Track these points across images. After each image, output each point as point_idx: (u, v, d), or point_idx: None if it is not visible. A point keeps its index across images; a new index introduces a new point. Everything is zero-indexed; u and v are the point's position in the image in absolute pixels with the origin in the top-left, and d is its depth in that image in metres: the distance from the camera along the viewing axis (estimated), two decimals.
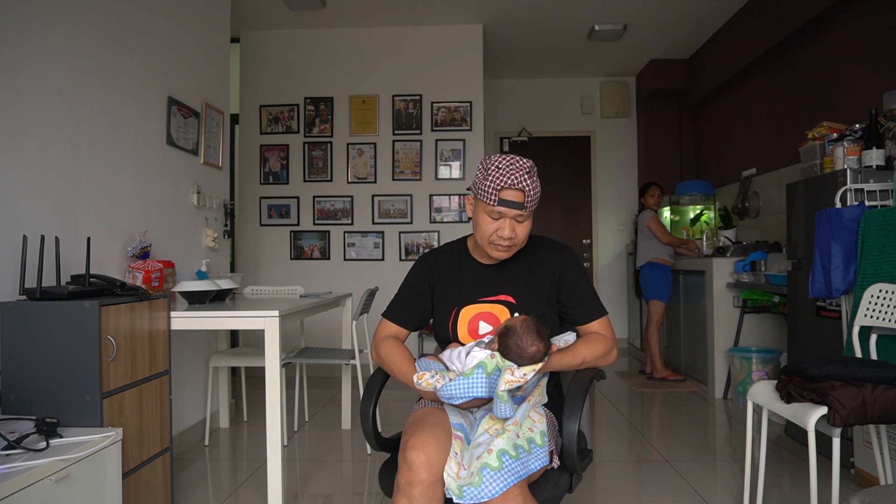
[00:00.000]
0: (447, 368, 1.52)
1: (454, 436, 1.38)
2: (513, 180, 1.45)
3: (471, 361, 1.42)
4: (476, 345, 1.49)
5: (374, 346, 1.65)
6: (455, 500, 1.26)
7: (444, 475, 1.30)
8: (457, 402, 1.39)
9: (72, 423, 1.79)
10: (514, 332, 1.40)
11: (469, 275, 1.64)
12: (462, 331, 1.60)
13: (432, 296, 1.66)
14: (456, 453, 1.33)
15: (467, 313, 1.60)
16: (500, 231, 1.49)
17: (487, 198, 1.47)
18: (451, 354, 1.52)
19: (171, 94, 3.05)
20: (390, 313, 1.68)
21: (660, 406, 4.02)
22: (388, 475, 1.49)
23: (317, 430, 3.51)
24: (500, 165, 1.47)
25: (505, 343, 1.41)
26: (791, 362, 3.04)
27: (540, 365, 1.38)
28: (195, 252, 3.32)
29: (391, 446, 1.63)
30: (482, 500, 1.24)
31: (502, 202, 1.46)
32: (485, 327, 1.58)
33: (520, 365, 1.37)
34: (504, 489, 1.25)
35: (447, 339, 1.64)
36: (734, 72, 4.81)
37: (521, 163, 1.48)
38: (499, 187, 1.45)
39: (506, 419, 1.38)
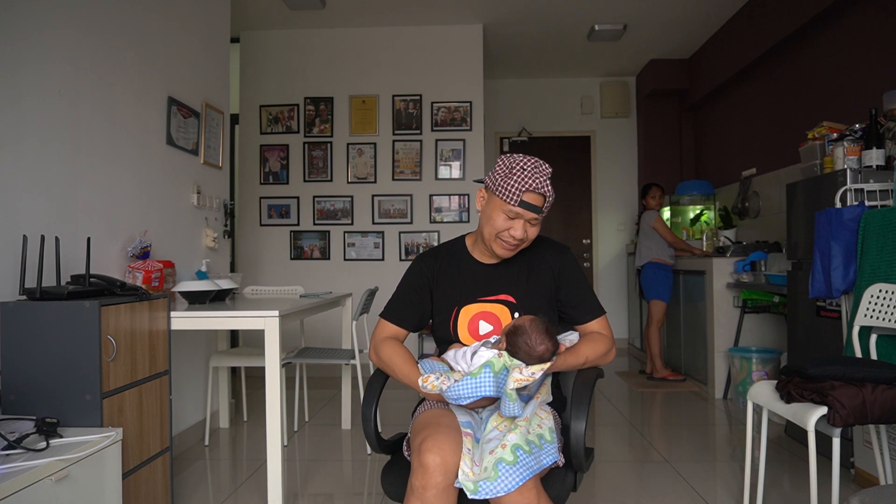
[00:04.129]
0: (451, 369, 1.51)
1: (464, 433, 1.38)
2: (537, 184, 1.47)
3: (478, 361, 1.41)
4: (482, 344, 1.50)
5: (374, 347, 1.63)
6: (470, 497, 1.26)
7: (459, 472, 1.29)
8: (464, 403, 1.37)
9: (72, 423, 1.79)
10: (524, 331, 1.42)
11: (469, 274, 1.63)
12: (462, 330, 1.59)
13: (432, 296, 1.65)
14: (468, 450, 1.33)
15: (467, 313, 1.60)
16: (513, 231, 1.50)
17: (509, 197, 1.47)
18: (456, 355, 1.52)
19: (171, 94, 3.05)
20: (389, 314, 1.65)
21: (660, 406, 4.02)
22: (393, 477, 1.48)
23: (317, 430, 3.51)
24: (526, 167, 1.48)
25: (513, 342, 1.42)
26: (791, 362, 3.04)
27: (548, 364, 1.39)
28: (195, 252, 3.32)
29: (392, 448, 1.62)
30: (499, 494, 1.24)
31: (524, 204, 1.47)
32: (485, 327, 1.58)
33: (528, 364, 1.38)
34: (520, 483, 1.25)
35: (448, 339, 1.62)
36: (734, 72, 4.81)
37: (544, 167, 1.51)
38: (523, 189, 1.46)
39: (514, 417, 1.38)
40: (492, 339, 1.52)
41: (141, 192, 2.80)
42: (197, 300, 2.52)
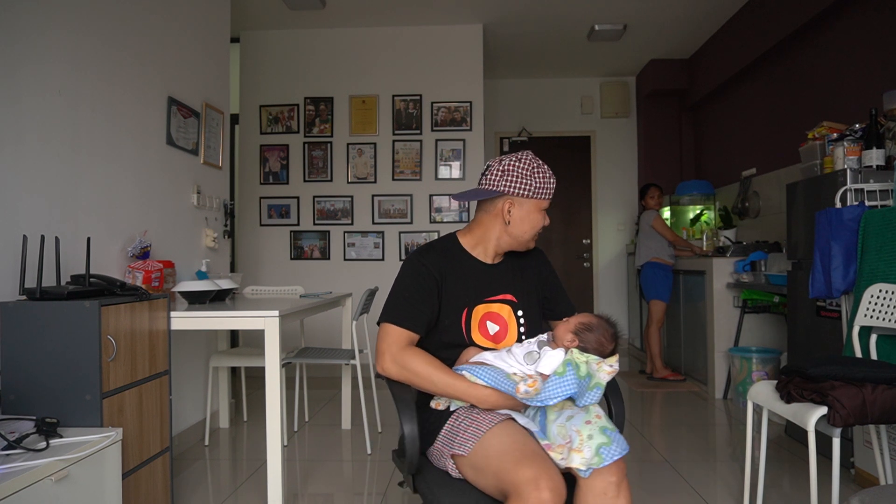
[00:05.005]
0: (507, 373, 1.45)
1: (546, 446, 1.38)
2: (551, 171, 1.61)
3: (551, 361, 1.41)
4: (537, 343, 1.50)
5: (391, 358, 1.48)
6: (595, 468, 1.30)
7: (574, 466, 1.32)
8: (551, 403, 1.36)
9: (72, 423, 1.79)
10: (598, 328, 1.50)
11: (473, 274, 1.61)
12: (475, 332, 1.57)
13: (440, 297, 1.56)
14: (563, 458, 1.35)
15: (477, 314, 1.58)
16: (545, 221, 1.61)
17: (544, 194, 1.57)
18: (501, 356, 1.47)
19: (171, 94, 3.05)
20: (398, 318, 1.51)
21: (660, 406, 4.02)
22: (456, 497, 1.38)
23: (317, 430, 3.51)
24: (537, 163, 1.57)
25: (588, 338, 1.49)
26: (791, 362, 3.04)
27: (617, 356, 1.49)
28: (195, 252, 3.32)
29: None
30: (623, 454, 1.32)
31: (552, 195, 1.61)
32: (492, 327, 1.58)
33: (604, 357, 1.46)
34: (627, 448, 1.34)
35: (460, 342, 1.56)
36: (734, 72, 4.81)
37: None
38: (552, 182, 1.59)
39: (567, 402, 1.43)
40: (544, 338, 1.53)
41: (141, 192, 2.80)
42: (197, 300, 2.52)
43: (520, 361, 1.45)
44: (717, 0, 4.55)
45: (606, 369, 1.41)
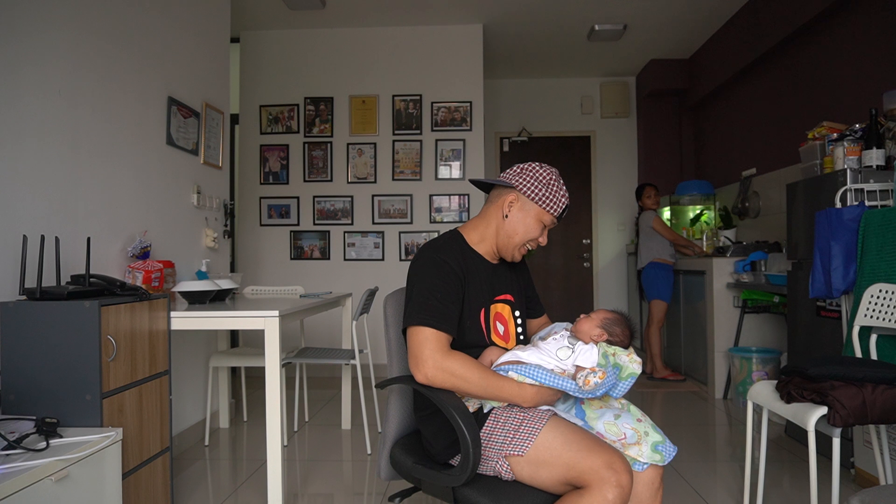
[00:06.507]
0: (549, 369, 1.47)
1: (598, 433, 1.45)
2: (568, 197, 1.60)
3: (590, 354, 1.46)
4: (564, 338, 1.53)
5: (437, 365, 1.39)
6: (660, 465, 1.44)
7: (639, 461, 1.42)
8: (600, 393, 1.40)
9: (72, 423, 1.79)
10: (622, 322, 1.56)
11: (484, 273, 1.60)
12: (493, 332, 1.57)
13: (463, 296, 1.52)
14: (623, 445, 1.44)
15: (490, 313, 1.58)
16: (541, 239, 1.60)
17: (553, 208, 1.56)
18: (536, 354, 1.48)
19: (171, 94, 3.05)
20: (434, 320, 1.42)
21: (660, 406, 4.02)
22: (508, 499, 1.35)
23: (317, 430, 3.51)
24: (558, 181, 1.57)
25: (614, 332, 1.53)
26: (791, 362, 3.04)
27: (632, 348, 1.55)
28: (195, 252, 3.32)
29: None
30: (676, 452, 1.45)
31: (561, 216, 1.58)
32: (500, 327, 1.58)
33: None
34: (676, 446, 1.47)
35: (481, 342, 1.54)
36: (734, 72, 4.81)
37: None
38: (564, 202, 1.57)
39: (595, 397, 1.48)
40: (567, 334, 1.55)
41: (141, 192, 2.80)
42: (197, 300, 2.52)
43: (554, 357, 1.47)
44: (717, 0, 4.55)
45: (637, 359, 1.46)
